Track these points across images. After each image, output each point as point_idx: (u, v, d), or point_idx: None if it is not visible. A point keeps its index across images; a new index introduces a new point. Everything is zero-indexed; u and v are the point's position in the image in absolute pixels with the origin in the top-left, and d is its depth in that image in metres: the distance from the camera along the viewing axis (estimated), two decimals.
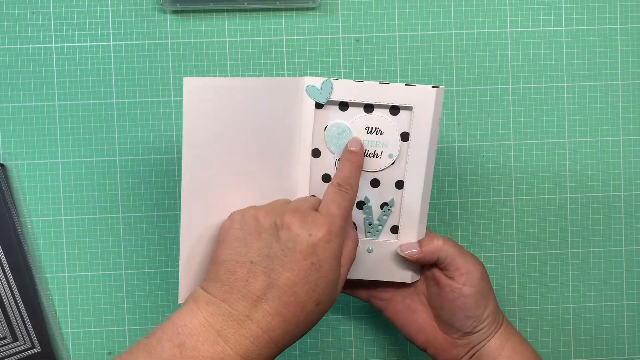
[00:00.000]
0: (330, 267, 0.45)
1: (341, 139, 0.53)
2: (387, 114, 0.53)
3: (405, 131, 0.53)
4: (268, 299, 0.44)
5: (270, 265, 0.45)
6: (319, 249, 0.45)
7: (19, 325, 0.63)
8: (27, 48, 0.63)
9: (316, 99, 0.52)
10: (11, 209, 0.63)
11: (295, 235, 0.45)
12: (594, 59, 0.65)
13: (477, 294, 0.53)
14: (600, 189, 0.66)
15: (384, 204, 0.54)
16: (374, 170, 0.54)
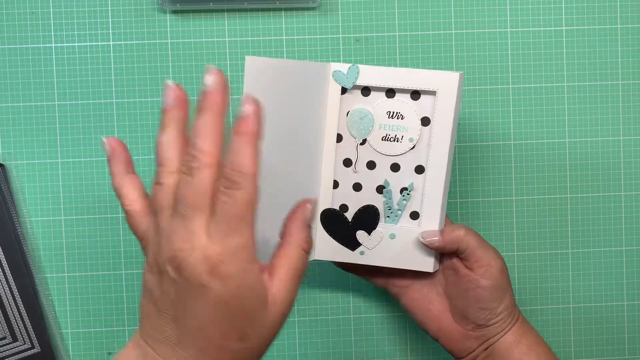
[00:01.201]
0: (241, 295, 0.38)
1: (363, 124, 0.54)
2: (408, 99, 0.54)
3: (425, 116, 0.53)
4: (184, 347, 0.39)
5: (176, 312, 0.39)
6: (215, 284, 0.38)
7: (19, 326, 0.63)
8: (27, 48, 0.63)
9: (342, 83, 0.53)
10: (11, 209, 0.63)
11: (189, 275, 0.38)
12: (594, 59, 0.65)
13: (494, 287, 0.53)
14: (600, 189, 0.66)
15: (404, 189, 0.55)
16: (394, 155, 0.54)
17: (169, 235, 0.39)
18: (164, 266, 0.39)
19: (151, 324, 0.40)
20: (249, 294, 0.39)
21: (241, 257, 0.38)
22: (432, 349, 0.66)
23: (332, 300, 0.66)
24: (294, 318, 0.65)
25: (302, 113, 0.52)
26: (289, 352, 0.65)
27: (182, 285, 0.38)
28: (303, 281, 0.62)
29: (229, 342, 0.39)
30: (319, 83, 0.53)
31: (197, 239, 0.38)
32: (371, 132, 0.54)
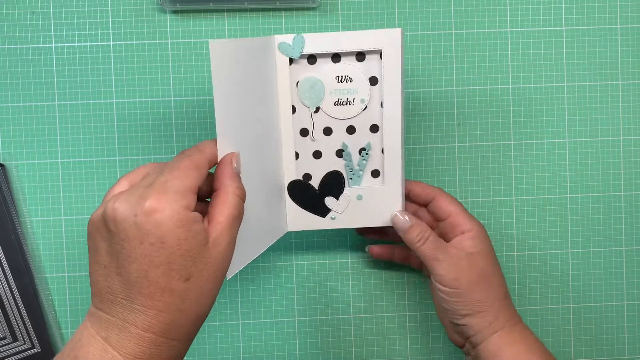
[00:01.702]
0: (178, 236, 0.40)
1: (314, 92, 0.55)
2: (353, 61, 0.55)
3: (373, 76, 0.55)
4: (132, 298, 0.41)
5: (117, 262, 0.41)
6: (150, 225, 0.40)
7: (19, 326, 0.63)
8: (27, 48, 0.63)
9: (289, 54, 0.54)
10: (11, 209, 0.63)
11: (121, 222, 0.40)
12: (594, 59, 0.65)
13: (451, 294, 0.54)
14: (600, 189, 0.66)
15: (362, 149, 0.56)
16: (348, 118, 0.56)
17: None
18: (105, 222, 0.42)
19: (99, 287, 0.42)
20: (187, 232, 0.41)
21: (180, 199, 0.41)
22: (432, 348, 0.66)
23: (332, 300, 0.66)
24: (294, 318, 0.65)
25: (260, 90, 0.52)
26: (289, 352, 0.65)
27: (120, 235, 0.41)
28: (303, 281, 0.62)
29: (174, 283, 0.41)
30: (268, 57, 0.53)
31: (137, 190, 0.42)
32: (323, 99, 0.56)
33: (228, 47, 0.47)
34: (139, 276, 0.40)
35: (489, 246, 0.56)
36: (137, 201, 0.41)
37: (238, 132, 0.49)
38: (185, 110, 0.64)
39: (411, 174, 0.65)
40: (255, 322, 0.65)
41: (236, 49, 0.48)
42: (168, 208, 0.40)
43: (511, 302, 0.57)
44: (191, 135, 0.64)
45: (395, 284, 0.66)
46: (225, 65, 0.47)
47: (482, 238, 0.56)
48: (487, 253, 0.55)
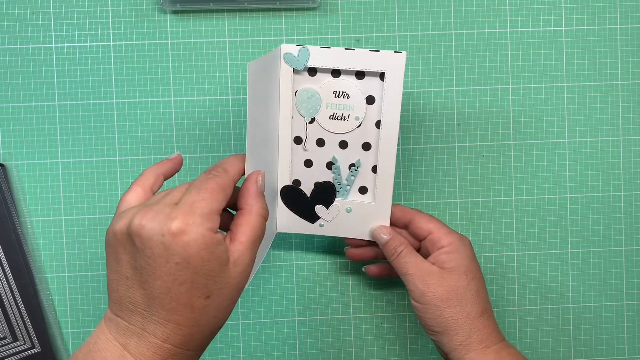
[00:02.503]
0: (202, 257, 0.42)
1: (310, 103, 0.56)
2: (353, 78, 0.55)
3: (370, 95, 0.55)
4: (153, 311, 0.42)
5: (141, 277, 0.42)
6: (177, 246, 0.41)
7: (19, 325, 0.63)
8: (27, 48, 0.63)
9: (294, 65, 0.54)
10: (11, 209, 0.63)
11: (148, 240, 0.42)
12: (594, 59, 0.65)
13: (420, 309, 0.54)
14: (600, 189, 0.66)
15: (352, 165, 0.57)
16: (342, 132, 0.56)
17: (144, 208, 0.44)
18: (129, 236, 0.43)
19: (119, 296, 0.44)
20: (211, 254, 0.42)
21: (206, 221, 0.42)
22: (432, 348, 0.66)
23: (332, 300, 0.66)
24: (294, 318, 0.65)
25: (266, 97, 0.53)
26: (289, 352, 0.65)
27: (146, 252, 0.42)
28: (303, 281, 0.63)
29: (195, 301, 0.42)
30: (274, 65, 0.54)
31: (164, 209, 0.43)
32: (319, 111, 0.56)
33: (257, 64, 0.50)
34: (161, 292, 0.42)
35: (467, 262, 0.55)
36: (165, 221, 0.42)
37: (259, 143, 0.51)
38: (185, 110, 0.64)
39: (411, 174, 0.65)
40: (255, 322, 0.65)
41: (257, 63, 0.50)
42: (194, 231, 0.41)
43: (490, 321, 0.55)
44: (191, 135, 0.64)
45: (395, 284, 0.66)
46: (254, 82, 0.49)
47: (460, 253, 0.55)
48: (462, 269, 0.54)
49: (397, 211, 0.58)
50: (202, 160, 0.64)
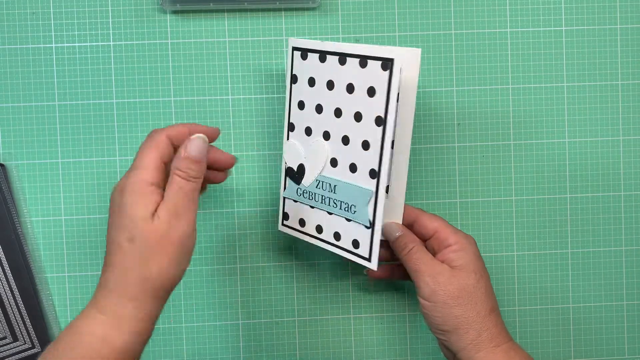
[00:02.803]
0: (130, 202, 0.47)
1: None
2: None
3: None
4: (105, 261, 0.49)
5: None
6: (115, 194, 0.49)
7: (19, 325, 0.63)
8: (27, 48, 0.63)
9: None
10: (11, 209, 0.63)
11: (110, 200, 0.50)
12: (594, 59, 0.65)
13: (429, 308, 0.54)
14: (600, 189, 0.66)
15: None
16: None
17: None
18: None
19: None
20: (137, 200, 0.48)
21: (135, 175, 0.49)
22: (432, 348, 0.66)
23: (331, 300, 0.66)
24: (294, 318, 0.65)
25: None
26: (289, 352, 0.65)
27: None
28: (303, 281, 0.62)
29: (122, 241, 0.48)
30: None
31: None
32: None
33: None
34: (107, 238, 0.49)
35: (474, 260, 0.55)
36: (117, 183, 0.50)
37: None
38: (185, 110, 0.64)
39: (411, 174, 0.65)
40: (255, 322, 0.65)
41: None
42: (131, 180, 0.48)
43: (498, 320, 0.54)
44: None
45: (395, 284, 0.66)
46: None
47: (468, 251, 0.55)
48: (471, 267, 0.54)
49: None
50: None
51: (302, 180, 0.56)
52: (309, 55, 0.54)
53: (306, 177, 0.57)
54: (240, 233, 0.65)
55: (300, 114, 0.56)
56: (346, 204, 0.55)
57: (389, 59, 0.49)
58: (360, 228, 0.55)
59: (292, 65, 0.55)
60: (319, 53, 0.53)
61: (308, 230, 0.58)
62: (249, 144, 0.64)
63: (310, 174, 0.56)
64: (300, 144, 0.56)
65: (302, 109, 0.56)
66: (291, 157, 0.57)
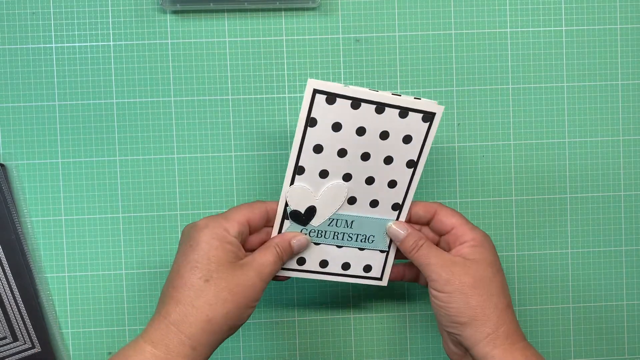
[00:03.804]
0: (211, 244, 0.49)
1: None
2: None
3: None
4: (165, 291, 0.50)
5: (171, 267, 0.51)
6: (195, 232, 0.50)
7: (19, 325, 0.63)
8: (27, 48, 0.63)
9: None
10: (11, 209, 0.63)
11: (182, 234, 0.52)
12: (594, 59, 0.65)
13: (444, 299, 0.52)
14: (600, 189, 0.66)
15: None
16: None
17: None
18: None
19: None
20: (218, 245, 0.50)
21: (218, 225, 0.51)
22: (432, 348, 0.66)
23: (331, 300, 0.66)
24: (294, 318, 0.65)
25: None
26: (289, 352, 0.65)
27: (180, 242, 0.52)
28: (303, 281, 0.62)
29: (195, 280, 0.49)
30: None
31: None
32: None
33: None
34: (174, 272, 0.50)
35: (491, 257, 0.54)
36: (196, 222, 0.52)
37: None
38: (185, 110, 0.64)
39: None
40: (255, 322, 0.65)
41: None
42: (211, 224, 0.50)
43: (514, 317, 0.53)
44: (191, 136, 0.64)
45: (395, 284, 0.66)
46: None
47: (485, 248, 0.54)
48: (487, 263, 0.53)
49: (420, 207, 0.57)
50: (201, 160, 0.64)
51: (312, 221, 0.56)
52: (337, 100, 0.52)
53: (317, 217, 0.55)
54: None
55: (316, 157, 0.53)
56: (363, 236, 0.57)
57: (432, 113, 0.53)
58: (375, 253, 0.57)
59: (310, 108, 0.52)
60: (351, 100, 0.52)
61: (309, 267, 0.57)
62: (249, 144, 0.64)
63: (322, 213, 0.55)
64: (309, 187, 0.55)
65: (318, 152, 0.53)
66: (298, 201, 0.55)
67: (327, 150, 0.53)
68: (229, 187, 0.64)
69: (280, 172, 0.64)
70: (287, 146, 0.64)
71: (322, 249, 0.57)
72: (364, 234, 0.56)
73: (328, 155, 0.54)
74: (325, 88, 0.51)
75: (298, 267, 0.57)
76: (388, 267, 0.58)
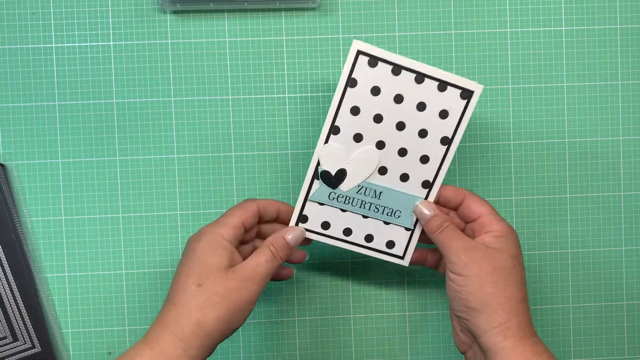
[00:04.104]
0: (205, 250, 0.52)
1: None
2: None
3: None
4: (168, 295, 0.52)
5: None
6: (193, 240, 0.53)
7: (19, 325, 0.63)
8: (27, 48, 0.63)
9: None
10: (11, 209, 0.63)
11: (187, 243, 0.55)
12: (594, 59, 0.65)
13: (460, 282, 0.52)
14: (600, 189, 0.66)
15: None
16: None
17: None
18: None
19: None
20: (211, 252, 0.52)
21: (214, 233, 0.53)
22: (432, 348, 0.66)
23: (332, 300, 0.66)
24: (294, 318, 0.65)
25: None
26: (289, 352, 0.65)
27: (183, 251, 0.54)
28: (303, 281, 0.62)
29: (190, 283, 0.51)
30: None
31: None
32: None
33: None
34: (175, 278, 0.52)
35: (513, 250, 0.53)
36: (197, 231, 0.54)
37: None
38: (185, 110, 0.64)
39: None
40: (255, 322, 0.65)
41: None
42: (207, 232, 0.53)
43: (528, 311, 0.52)
44: (191, 136, 0.64)
45: (395, 284, 0.66)
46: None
47: (509, 240, 0.53)
48: (509, 254, 0.53)
49: (450, 191, 0.56)
50: (202, 160, 0.64)
51: (341, 185, 0.56)
52: (379, 64, 0.53)
53: (347, 182, 0.56)
54: None
55: (352, 119, 0.54)
56: (390, 209, 0.57)
57: (470, 91, 0.54)
58: (400, 230, 0.57)
59: (352, 68, 0.53)
60: (392, 65, 0.53)
61: (332, 233, 0.57)
62: (249, 144, 0.64)
63: (352, 179, 0.56)
64: (343, 148, 0.55)
65: (355, 114, 0.54)
66: (330, 161, 0.55)
67: (364, 113, 0.54)
68: (229, 187, 0.64)
69: (280, 172, 0.64)
70: (287, 146, 0.64)
71: (347, 216, 0.57)
72: (391, 207, 0.57)
73: (364, 119, 0.54)
74: (368, 50, 0.53)
75: (322, 230, 0.57)
76: (411, 247, 0.58)
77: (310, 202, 0.57)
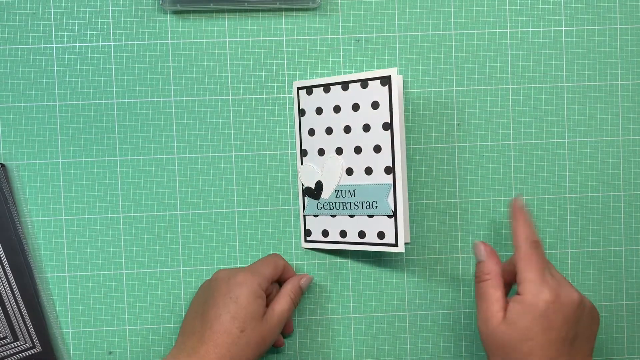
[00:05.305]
0: (249, 300, 0.57)
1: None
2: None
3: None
4: (204, 332, 0.57)
5: (204, 308, 0.58)
6: (235, 287, 0.58)
7: (20, 325, 0.63)
8: (27, 48, 0.63)
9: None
10: (11, 209, 0.63)
11: (218, 281, 0.59)
12: (594, 59, 0.65)
13: (481, 337, 0.55)
14: (600, 189, 0.66)
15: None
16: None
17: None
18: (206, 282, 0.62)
19: (186, 323, 0.59)
20: (253, 300, 0.58)
21: (256, 281, 0.59)
22: (432, 348, 0.66)
23: (332, 300, 0.66)
24: (294, 318, 0.65)
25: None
26: (290, 351, 0.65)
27: (213, 290, 0.59)
28: None
29: (233, 329, 0.56)
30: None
31: (234, 269, 0.62)
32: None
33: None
34: (214, 317, 0.57)
35: (530, 322, 0.52)
36: (234, 273, 0.59)
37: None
38: (185, 110, 0.64)
39: (411, 174, 0.65)
40: None
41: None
42: (249, 281, 0.58)
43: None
44: (191, 135, 0.64)
45: (395, 284, 0.66)
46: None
47: (528, 312, 0.52)
48: (521, 325, 0.52)
49: (507, 265, 0.58)
50: (202, 160, 0.64)
51: (322, 195, 0.63)
52: (314, 90, 0.62)
53: (325, 190, 0.63)
54: (241, 232, 0.65)
55: (312, 139, 0.63)
56: (367, 202, 0.61)
57: (387, 76, 0.59)
58: (384, 219, 0.60)
59: (298, 102, 0.63)
60: (322, 86, 0.62)
61: (332, 238, 0.64)
62: (249, 144, 0.64)
63: (328, 186, 0.63)
64: (314, 165, 0.63)
65: (312, 135, 0.63)
66: (307, 178, 0.64)
67: (318, 130, 0.63)
68: (229, 187, 0.64)
69: (280, 172, 0.65)
70: (287, 146, 0.64)
71: (338, 220, 0.63)
72: (367, 200, 0.61)
73: (320, 135, 0.63)
74: (303, 84, 0.63)
75: (323, 238, 0.64)
76: (400, 233, 0.60)
77: (308, 217, 0.64)
